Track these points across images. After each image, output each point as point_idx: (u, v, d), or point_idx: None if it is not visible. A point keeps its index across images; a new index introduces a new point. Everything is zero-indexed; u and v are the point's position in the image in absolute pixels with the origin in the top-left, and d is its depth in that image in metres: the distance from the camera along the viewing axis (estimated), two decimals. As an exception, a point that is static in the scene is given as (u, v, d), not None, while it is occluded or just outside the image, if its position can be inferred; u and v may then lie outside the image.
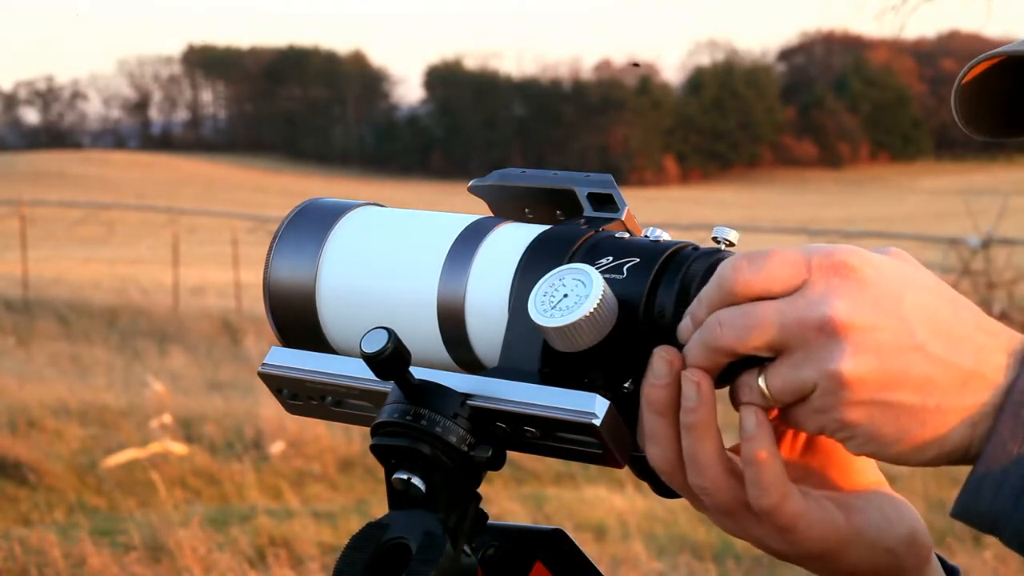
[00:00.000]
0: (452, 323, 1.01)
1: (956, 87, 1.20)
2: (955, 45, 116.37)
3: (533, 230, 1.02)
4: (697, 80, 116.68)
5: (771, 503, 0.90)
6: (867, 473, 0.99)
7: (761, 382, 0.88)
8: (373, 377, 0.96)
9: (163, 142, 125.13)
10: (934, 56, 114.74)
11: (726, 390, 0.95)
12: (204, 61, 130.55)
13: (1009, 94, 1.19)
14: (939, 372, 0.86)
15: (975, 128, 1.22)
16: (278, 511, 8.01)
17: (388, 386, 0.98)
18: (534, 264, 0.98)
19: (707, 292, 0.90)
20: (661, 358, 0.92)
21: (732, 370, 0.91)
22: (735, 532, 0.94)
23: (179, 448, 9.27)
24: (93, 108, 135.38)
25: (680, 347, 0.92)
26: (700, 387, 0.90)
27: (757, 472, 0.90)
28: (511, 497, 8.13)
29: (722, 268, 0.90)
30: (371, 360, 0.93)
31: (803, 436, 0.98)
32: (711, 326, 0.89)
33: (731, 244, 0.97)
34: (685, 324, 0.92)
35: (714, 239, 0.98)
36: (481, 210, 1.08)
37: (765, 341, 0.87)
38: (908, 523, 0.98)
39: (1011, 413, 0.86)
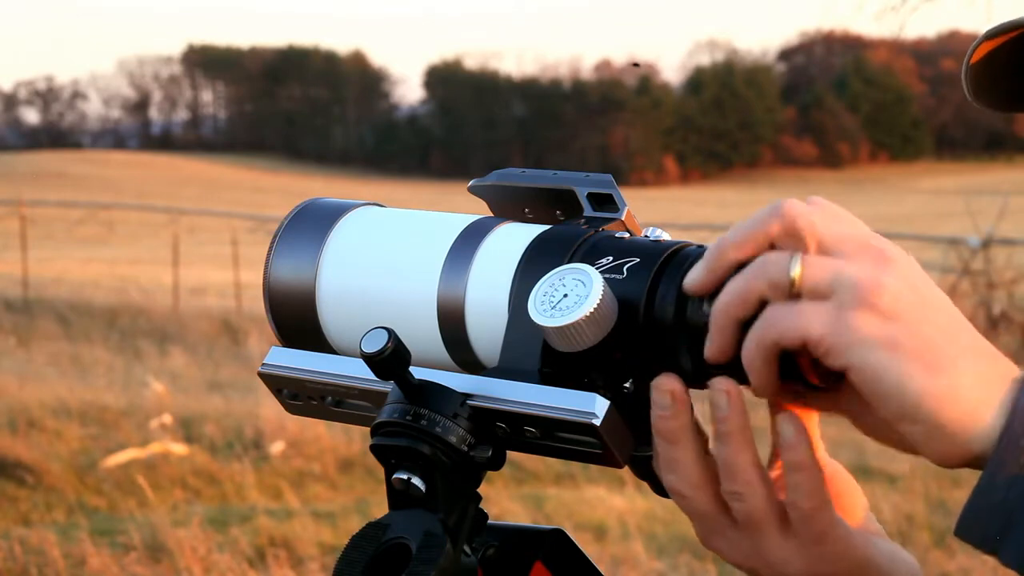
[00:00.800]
0: (452, 323, 1.01)
1: (966, 62, 1.20)
2: (955, 45, 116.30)
3: (533, 230, 1.02)
4: (697, 80, 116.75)
5: (812, 506, 0.89)
6: (871, 523, 0.98)
7: (795, 266, 0.86)
8: (373, 377, 0.96)
9: (163, 142, 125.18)
10: (934, 56, 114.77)
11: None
12: (204, 61, 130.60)
13: (1016, 67, 1.19)
14: (962, 338, 0.85)
15: (985, 101, 1.22)
16: (278, 511, 8.01)
17: (388, 386, 0.98)
18: (534, 264, 0.98)
19: (760, 218, 0.89)
20: (662, 391, 0.91)
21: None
22: (753, 558, 0.93)
23: (179, 448, 9.26)
24: (93, 108, 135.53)
25: (697, 344, 0.91)
26: (731, 396, 0.89)
27: (800, 477, 0.89)
28: (511, 497, 8.13)
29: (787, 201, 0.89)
30: (371, 360, 0.93)
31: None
32: (736, 240, 0.89)
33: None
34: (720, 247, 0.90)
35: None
36: (481, 210, 1.08)
37: (812, 282, 0.86)
38: (915, 570, 0.97)
39: (1010, 441, 0.84)
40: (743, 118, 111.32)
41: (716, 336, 0.89)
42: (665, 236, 1.00)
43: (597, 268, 0.95)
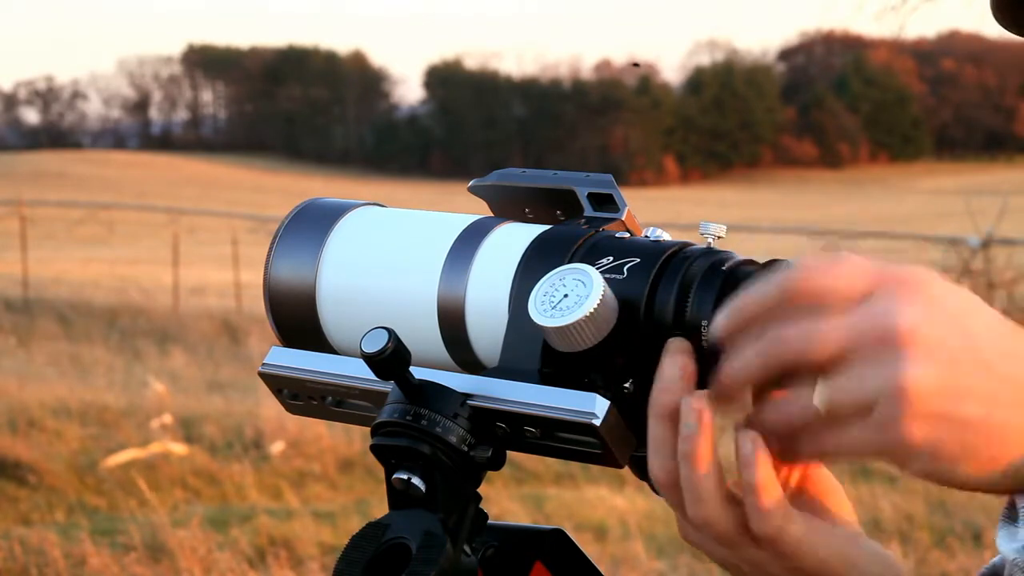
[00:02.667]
0: (452, 323, 1.01)
1: None
2: (955, 45, 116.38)
3: (533, 230, 1.01)
4: (697, 80, 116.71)
5: (773, 529, 0.88)
6: (853, 523, 0.97)
7: (817, 397, 0.84)
8: (373, 377, 0.96)
9: (163, 142, 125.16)
10: (934, 56, 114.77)
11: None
12: (204, 61, 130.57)
13: None
14: (1005, 389, 0.83)
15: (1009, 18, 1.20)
16: (278, 511, 8.01)
17: (388, 386, 0.98)
18: (534, 264, 0.98)
19: (763, 289, 0.85)
20: (673, 362, 0.89)
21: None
22: (731, 561, 0.92)
23: (179, 448, 9.26)
24: (93, 108, 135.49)
25: (697, 343, 0.91)
26: (702, 416, 0.87)
27: (757, 499, 0.87)
28: (511, 497, 8.13)
29: (787, 268, 0.87)
30: (371, 360, 0.93)
31: (795, 476, 0.96)
32: (772, 337, 0.84)
33: (719, 238, 0.97)
34: (726, 321, 0.86)
35: (701, 235, 0.98)
36: (481, 210, 1.08)
37: (830, 352, 0.83)
38: (898, 570, 0.95)
39: None
40: (743, 118, 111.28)
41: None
42: (665, 236, 0.99)
43: (597, 268, 0.95)
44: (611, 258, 0.96)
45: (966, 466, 0.83)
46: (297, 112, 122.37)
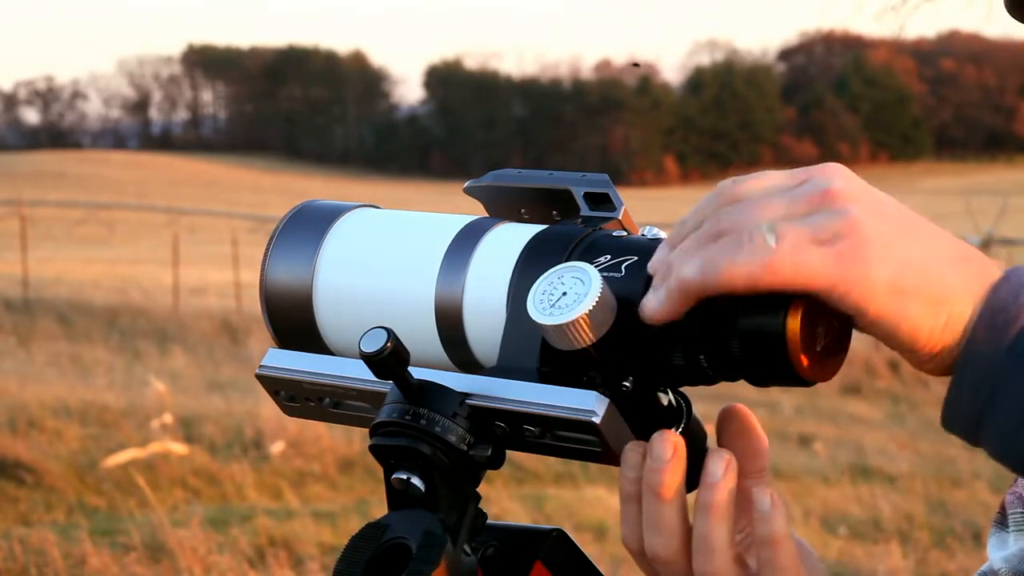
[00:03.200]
0: (450, 324, 1.01)
1: None
2: (955, 45, 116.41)
3: (530, 230, 1.01)
4: (697, 80, 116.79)
5: None
6: None
7: (767, 231, 0.85)
8: (371, 378, 0.96)
9: (163, 142, 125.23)
10: (934, 56, 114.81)
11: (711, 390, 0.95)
12: (204, 61, 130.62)
13: None
14: (934, 246, 0.86)
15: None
16: (278, 511, 8.01)
17: (386, 386, 0.98)
18: (532, 263, 0.98)
19: (700, 205, 0.89)
20: (664, 442, 0.91)
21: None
22: None
23: (179, 448, 9.26)
24: (93, 108, 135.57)
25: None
26: (729, 465, 0.89)
27: (774, 554, 0.88)
28: (511, 497, 8.13)
29: (722, 184, 0.89)
30: (370, 359, 0.93)
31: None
32: (720, 206, 0.88)
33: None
34: (660, 257, 0.90)
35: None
36: (479, 211, 1.08)
37: (774, 211, 0.85)
38: None
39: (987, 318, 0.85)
40: (743, 118, 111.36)
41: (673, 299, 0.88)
42: (662, 235, 0.99)
43: (595, 266, 0.95)
44: (609, 256, 0.96)
45: (917, 306, 0.84)
46: (297, 112, 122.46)
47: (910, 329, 0.85)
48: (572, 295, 0.92)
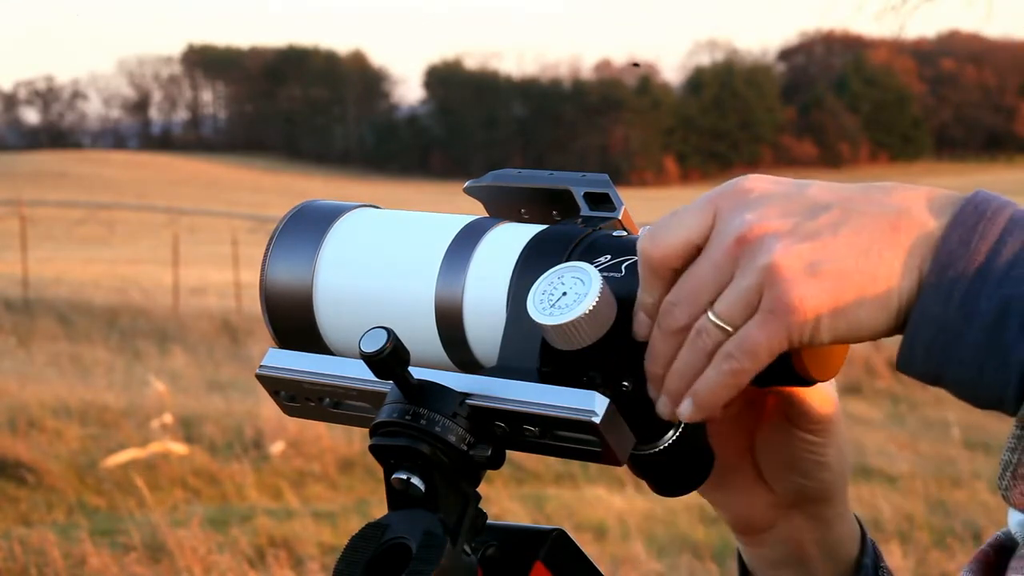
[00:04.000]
0: (450, 324, 1.01)
1: None
2: (955, 45, 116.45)
3: (530, 230, 1.01)
4: (697, 80, 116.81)
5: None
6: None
7: (711, 317, 0.88)
8: (371, 378, 0.96)
9: (163, 142, 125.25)
10: (934, 56, 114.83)
11: None
12: (204, 61, 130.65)
13: None
14: (865, 221, 0.85)
15: None
16: (278, 511, 8.01)
17: (386, 386, 0.98)
18: (532, 263, 0.98)
19: (643, 279, 0.91)
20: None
21: None
22: None
23: (179, 448, 9.26)
24: (93, 108, 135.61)
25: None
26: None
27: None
28: (511, 497, 8.13)
29: (640, 246, 0.91)
30: (370, 359, 0.93)
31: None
32: (667, 312, 0.90)
33: None
34: (641, 320, 0.92)
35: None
36: (479, 212, 1.08)
37: (714, 292, 0.88)
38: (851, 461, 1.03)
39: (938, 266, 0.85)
40: (743, 118, 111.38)
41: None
42: (663, 235, 0.99)
43: (595, 266, 0.95)
44: (609, 256, 0.96)
45: (867, 310, 0.85)
46: (297, 112, 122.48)
47: (871, 331, 0.86)
48: (572, 295, 0.92)
